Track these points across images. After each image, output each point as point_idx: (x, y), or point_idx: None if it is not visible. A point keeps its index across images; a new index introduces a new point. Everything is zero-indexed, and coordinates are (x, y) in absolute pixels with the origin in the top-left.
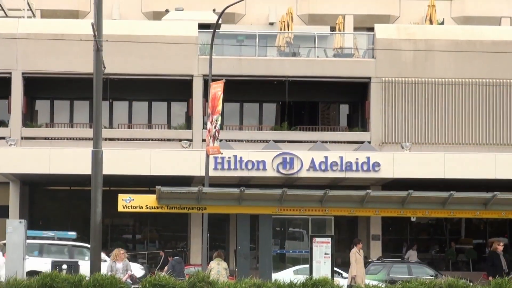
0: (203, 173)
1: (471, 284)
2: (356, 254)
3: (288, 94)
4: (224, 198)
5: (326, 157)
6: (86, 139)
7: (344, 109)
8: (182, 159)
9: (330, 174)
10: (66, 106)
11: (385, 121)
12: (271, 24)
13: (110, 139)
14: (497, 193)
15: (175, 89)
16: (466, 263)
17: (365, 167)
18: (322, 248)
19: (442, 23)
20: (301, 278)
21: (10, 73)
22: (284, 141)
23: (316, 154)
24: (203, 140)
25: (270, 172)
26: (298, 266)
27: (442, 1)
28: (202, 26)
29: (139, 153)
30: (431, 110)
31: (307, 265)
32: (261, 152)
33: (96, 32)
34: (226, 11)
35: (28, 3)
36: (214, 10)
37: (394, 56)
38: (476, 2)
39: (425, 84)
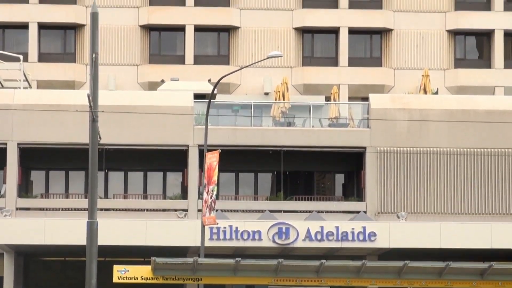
0: (198, 244)
1: None
2: None
3: (283, 164)
4: (220, 268)
5: (322, 227)
6: (81, 209)
7: (339, 178)
8: (177, 230)
9: (326, 244)
10: (61, 177)
11: (381, 191)
12: (266, 94)
13: (106, 210)
14: (494, 263)
15: (170, 159)
16: None
17: (361, 237)
18: None
19: (436, 92)
20: None
21: (5, 144)
22: (279, 211)
23: (312, 224)
24: (199, 210)
25: (266, 242)
26: None
27: (436, 71)
28: (197, 96)
29: (135, 223)
30: (427, 180)
31: None
32: (257, 222)
33: (92, 103)
34: (221, 81)
35: (24, 74)
36: (209, 80)
37: (389, 126)
38: (469, 72)
39: (420, 153)
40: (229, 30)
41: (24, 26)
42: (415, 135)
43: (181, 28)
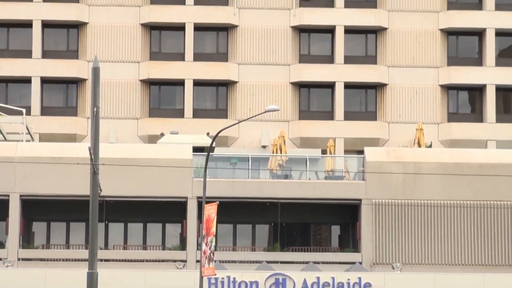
0: None
1: None
2: None
3: (280, 216)
4: None
5: (318, 278)
6: (81, 260)
7: (335, 230)
8: (176, 280)
9: None
10: (62, 228)
11: (376, 242)
12: (264, 147)
13: (106, 260)
14: None
15: (169, 211)
16: None
17: None
18: None
19: (430, 146)
20: None
21: (8, 195)
22: (277, 262)
23: (308, 275)
24: (197, 261)
25: None
26: None
27: (429, 125)
28: (196, 149)
29: (134, 274)
30: (421, 231)
31: None
32: (254, 272)
33: (93, 156)
34: (219, 134)
35: (27, 127)
36: (208, 134)
37: (384, 179)
38: (462, 126)
39: (414, 206)
40: (227, 84)
41: (27, 80)
42: (410, 188)
43: (180, 83)
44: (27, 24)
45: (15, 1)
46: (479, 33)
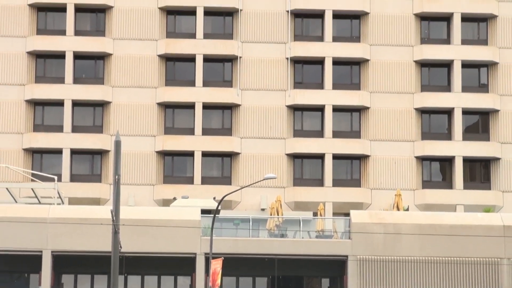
0: None
1: None
2: None
3: (277, 270)
4: None
5: None
6: None
7: (325, 283)
8: None
9: None
10: (87, 280)
11: None
12: (263, 210)
13: None
14: None
15: (180, 265)
16: None
17: None
18: None
19: (407, 209)
20: None
21: (41, 251)
22: None
23: None
24: None
25: None
26: None
27: (406, 191)
28: (204, 211)
29: None
30: (401, 284)
31: None
32: None
33: (114, 217)
34: (224, 199)
35: (58, 192)
36: (214, 198)
37: (367, 238)
38: (434, 192)
39: (394, 261)
40: (231, 155)
41: (58, 152)
42: (390, 246)
43: (190, 154)
44: (59, 103)
45: (49, 83)
46: (448, 112)
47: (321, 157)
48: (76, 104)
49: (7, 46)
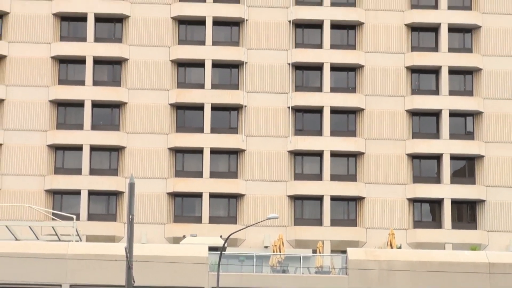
0: None
1: None
2: None
3: None
4: None
5: None
6: None
7: None
8: None
9: None
10: None
11: None
12: (266, 247)
13: None
14: None
15: None
16: None
17: None
18: None
19: (400, 247)
20: None
21: (60, 285)
22: None
23: None
24: None
25: None
26: None
27: (399, 230)
28: (211, 248)
29: None
30: None
31: None
32: None
33: (128, 254)
34: (230, 237)
35: (76, 230)
36: (221, 236)
37: (363, 274)
38: (425, 231)
39: None
40: (236, 196)
41: (77, 193)
42: (385, 281)
43: (199, 195)
44: (78, 148)
45: (69, 129)
46: (437, 157)
47: (320, 198)
48: (93, 148)
49: (32, 95)
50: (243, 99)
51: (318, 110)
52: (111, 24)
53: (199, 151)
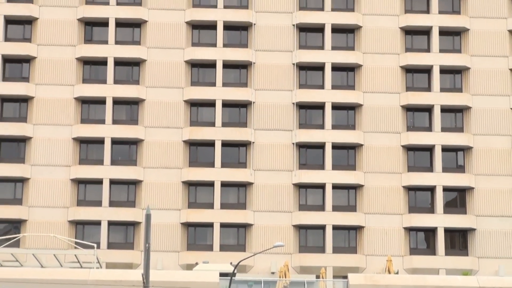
0: None
1: None
2: None
3: None
4: None
5: None
6: None
7: None
8: None
9: None
10: None
11: None
12: (273, 273)
13: None
14: None
15: None
16: None
17: None
18: None
19: (397, 273)
20: None
21: None
22: None
23: None
24: None
25: None
26: None
27: (396, 257)
28: (222, 275)
29: None
30: None
31: None
32: None
33: (145, 280)
34: (239, 264)
35: (97, 258)
36: (231, 263)
37: None
38: (420, 258)
39: None
40: (245, 226)
41: (97, 223)
42: None
43: (210, 225)
44: (99, 182)
45: (91, 164)
46: (431, 189)
47: (322, 227)
48: (113, 182)
49: (56, 133)
50: (251, 136)
51: (321, 146)
52: (129, 68)
53: (211, 184)
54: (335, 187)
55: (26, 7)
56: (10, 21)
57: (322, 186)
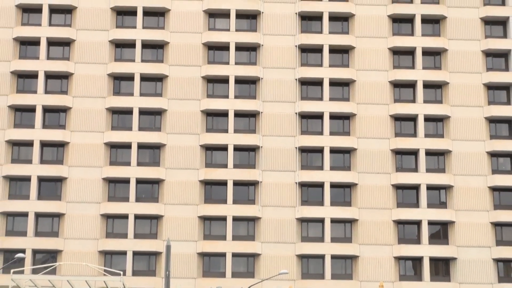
0: None
1: None
2: None
3: None
4: None
5: None
6: None
7: None
8: None
9: None
10: None
11: None
12: None
13: None
14: None
15: None
16: None
17: None
18: None
19: None
20: None
21: None
22: None
23: None
24: None
25: None
26: None
27: (387, 283)
28: None
29: None
30: None
31: None
32: None
33: None
34: None
35: (123, 284)
36: None
37: None
38: (409, 284)
39: None
40: (254, 255)
41: (124, 253)
42: None
43: (223, 255)
44: (125, 216)
45: (118, 201)
46: (418, 223)
47: (322, 257)
48: (137, 217)
49: (88, 174)
50: (259, 176)
51: (320, 185)
52: (152, 116)
53: (223, 218)
54: (333, 221)
55: (64, 64)
56: (49, 76)
57: (321, 220)
